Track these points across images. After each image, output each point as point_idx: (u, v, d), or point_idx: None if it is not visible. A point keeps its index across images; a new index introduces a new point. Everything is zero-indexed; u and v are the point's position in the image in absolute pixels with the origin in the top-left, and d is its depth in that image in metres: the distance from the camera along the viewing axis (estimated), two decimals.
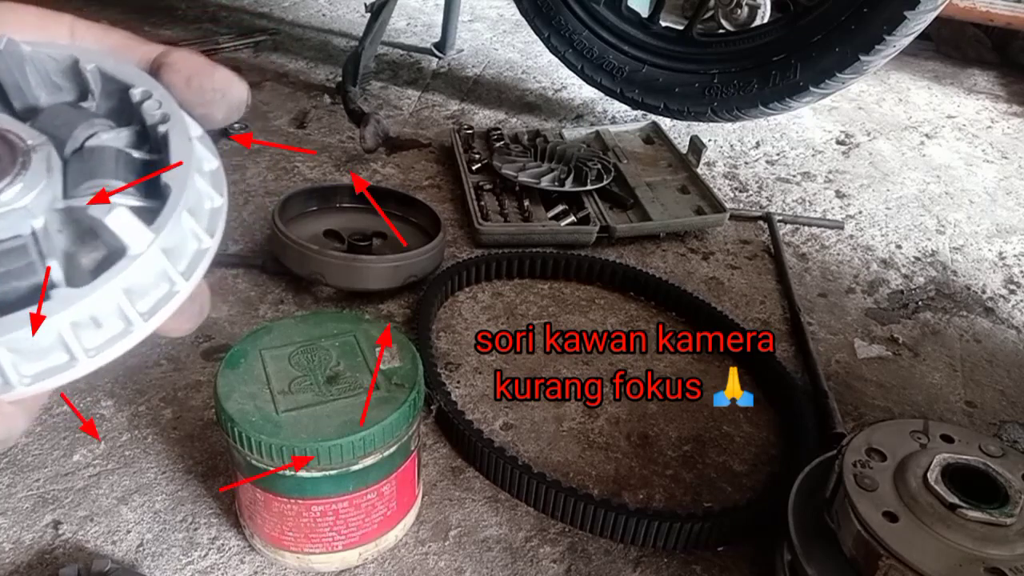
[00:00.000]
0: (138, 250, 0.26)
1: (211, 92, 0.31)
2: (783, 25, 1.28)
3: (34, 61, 0.30)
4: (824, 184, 1.39)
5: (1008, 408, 0.93)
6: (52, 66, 0.30)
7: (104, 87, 0.31)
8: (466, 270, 1.03)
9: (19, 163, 0.26)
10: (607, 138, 1.36)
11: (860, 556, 0.60)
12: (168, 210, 0.27)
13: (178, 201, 0.27)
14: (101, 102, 0.31)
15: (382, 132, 1.29)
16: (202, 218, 0.29)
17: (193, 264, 0.28)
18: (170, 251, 0.27)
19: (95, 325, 0.26)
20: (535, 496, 0.74)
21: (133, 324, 0.26)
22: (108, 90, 0.31)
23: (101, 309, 0.26)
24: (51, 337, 0.25)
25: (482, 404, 0.87)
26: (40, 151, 0.27)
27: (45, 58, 0.30)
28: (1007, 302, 1.12)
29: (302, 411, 0.62)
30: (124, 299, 0.26)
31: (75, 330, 0.25)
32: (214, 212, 0.30)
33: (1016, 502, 0.59)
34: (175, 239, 0.27)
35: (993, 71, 1.96)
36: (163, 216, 0.27)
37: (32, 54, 0.30)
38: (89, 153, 0.28)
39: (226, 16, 1.91)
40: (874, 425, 0.68)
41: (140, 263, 0.26)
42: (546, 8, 1.44)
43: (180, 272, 0.27)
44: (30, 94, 0.30)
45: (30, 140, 0.27)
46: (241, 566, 0.68)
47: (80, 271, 0.27)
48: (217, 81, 0.31)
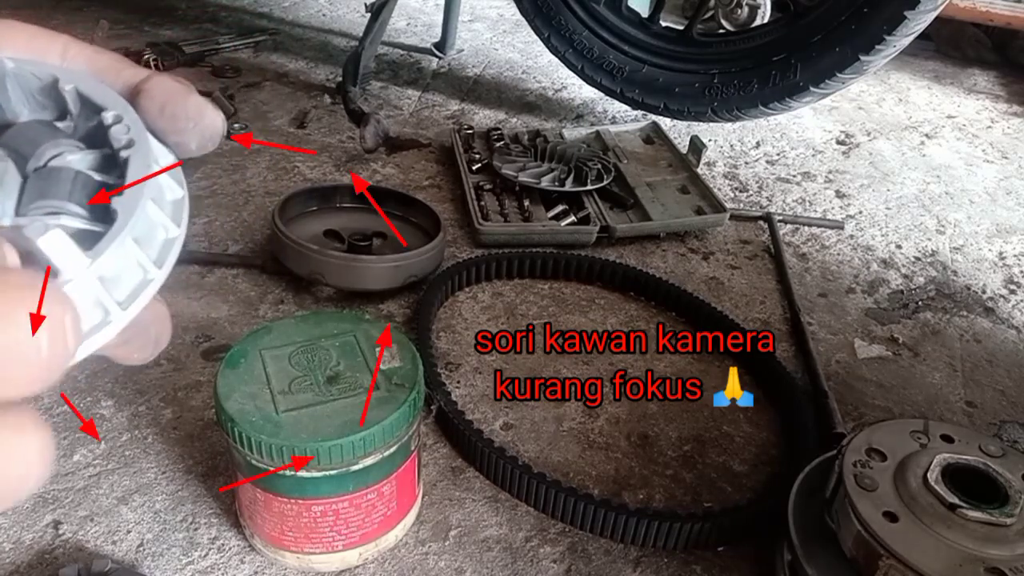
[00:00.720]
0: (69, 275, 0.25)
1: (183, 120, 0.31)
2: (783, 25, 1.28)
3: (17, 77, 0.30)
4: (824, 184, 1.39)
5: (1008, 408, 0.93)
6: (35, 84, 0.30)
7: (82, 109, 0.30)
8: (466, 270, 1.03)
9: None
10: (607, 138, 1.36)
11: (860, 556, 0.60)
12: (110, 236, 0.26)
13: (123, 227, 0.26)
14: (79, 123, 0.31)
15: (382, 132, 1.29)
16: (151, 247, 0.28)
17: (134, 294, 0.27)
18: (108, 280, 0.26)
19: None
20: (535, 496, 0.74)
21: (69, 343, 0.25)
22: (86, 112, 0.30)
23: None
24: None
25: (482, 404, 0.87)
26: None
27: (28, 75, 0.30)
28: (1007, 302, 1.12)
29: (302, 411, 0.62)
30: None
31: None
32: (167, 243, 0.29)
33: (1016, 502, 0.59)
34: (114, 267, 0.26)
35: (993, 71, 1.96)
36: (103, 242, 0.26)
37: (15, 70, 0.30)
38: (48, 173, 0.28)
39: (226, 16, 1.91)
40: (874, 425, 0.68)
41: (70, 289, 0.25)
42: (546, 8, 1.44)
43: (118, 301, 0.26)
44: (9, 110, 0.30)
45: None
46: (241, 566, 0.68)
47: None
48: (191, 109, 0.31)
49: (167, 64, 1.57)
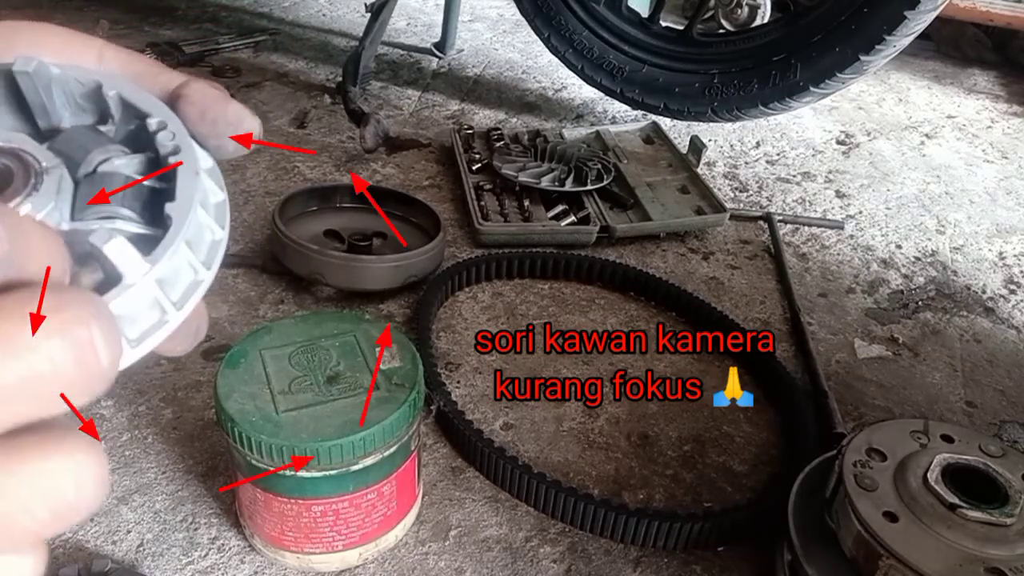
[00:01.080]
0: (132, 280, 0.26)
1: (224, 125, 0.32)
2: (783, 25, 1.28)
3: (61, 83, 0.31)
4: (824, 184, 1.39)
5: (1008, 408, 0.93)
6: (77, 89, 0.31)
7: (123, 113, 0.32)
8: (466, 270, 1.03)
9: (31, 184, 0.27)
10: (607, 138, 1.36)
11: (860, 556, 0.60)
12: (167, 242, 0.28)
13: (178, 233, 0.28)
14: (119, 127, 0.32)
15: (382, 132, 1.29)
16: (201, 250, 0.30)
17: (187, 295, 0.29)
18: (164, 281, 0.28)
19: None
20: (535, 496, 0.74)
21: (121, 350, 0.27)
22: (127, 116, 0.32)
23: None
24: None
25: (482, 404, 0.87)
26: (52, 173, 0.28)
27: (72, 81, 0.31)
28: (1007, 302, 1.12)
29: (302, 411, 0.62)
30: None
31: None
32: (214, 245, 0.30)
33: (1016, 502, 0.59)
34: (171, 270, 0.28)
35: (993, 71, 1.96)
36: (161, 247, 0.27)
37: (59, 76, 0.31)
38: (99, 178, 0.29)
39: (226, 16, 1.91)
40: (874, 425, 0.68)
41: (133, 292, 0.27)
42: (546, 8, 1.44)
43: (173, 302, 0.28)
44: (54, 114, 0.31)
45: (44, 162, 0.28)
46: (241, 566, 0.68)
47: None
48: (230, 115, 0.32)
49: (167, 64, 1.57)
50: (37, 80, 0.30)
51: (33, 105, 0.31)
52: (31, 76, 0.30)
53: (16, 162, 0.28)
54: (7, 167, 0.28)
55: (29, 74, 0.30)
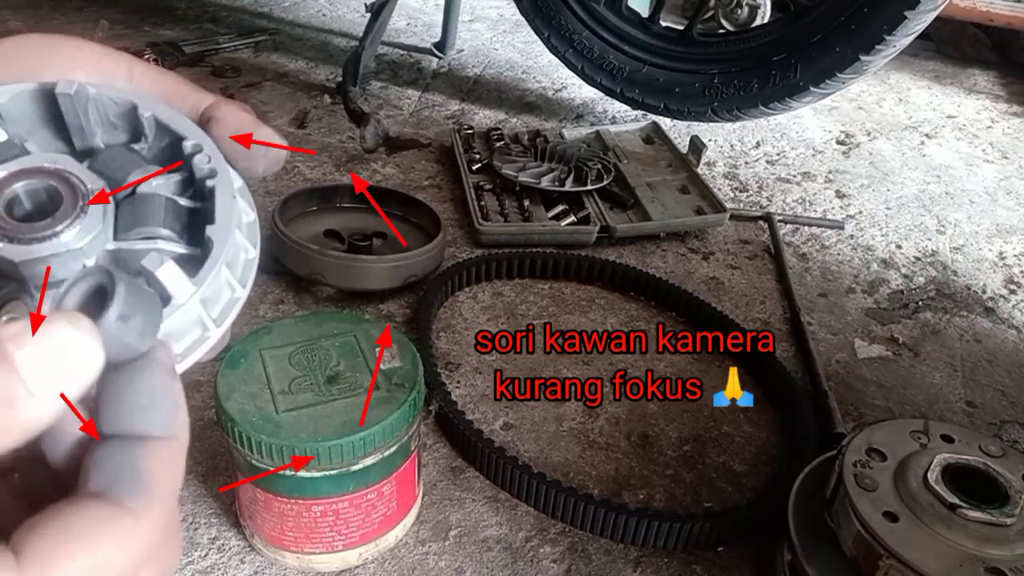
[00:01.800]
0: (181, 300, 0.28)
1: (255, 149, 0.33)
2: (783, 25, 1.28)
3: (97, 103, 0.32)
4: (824, 184, 1.39)
5: (1008, 408, 0.93)
6: (112, 109, 0.33)
7: (157, 133, 0.33)
8: (466, 270, 1.03)
9: (79, 207, 0.28)
10: (607, 138, 1.36)
11: (860, 556, 0.60)
12: (210, 264, 0.29)
13: (219, 255, 0.30)
14: (152, 145, 0.33)
15: (382, 132, 1.29)
16: (237, 269, 0.31)
17: (225, 312, 0.30)
18: (207, 301, 0.29)
19: None
20: (535, 496, 0.74)
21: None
22: (160, 135, 0.33)
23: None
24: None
25: (482, 404, 0.87)
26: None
27: (107, 101, 0.32)
28: (1007, 302, 1.12)
29: (302, 411, 0.62)
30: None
31: None
32: (248, 263, 0.32)
33: (1016, 502, 0.59)
34: (212, 290, 0.30)
35: (993, 71, 1.96)
36: (205, 269, 0.29)
37: (96, 96, 0.32)
38: (140, 200, 0.31)
39: (226, 16, 1.91)
40: (874, 425, 0.68)
41: (181, 312, 0.28)
42: (546, 8, 1.44)
43: (213, 319, 0.30)
44: (89, 132, 0.33)
45: (89, 184, 0.29)
46: (241, 566, 0.68)
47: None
48: (261, 138, 0.33)
49: (167, 64, 1.57)
50: (76, 102, 0.31)
51: (71, 125, 0.32)
52: (72, 98, 0.31)
53: (64, 185, 0.29)
54: (56, 190, 0.29)
55: (71, 96, 0.31)
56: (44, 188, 0.29)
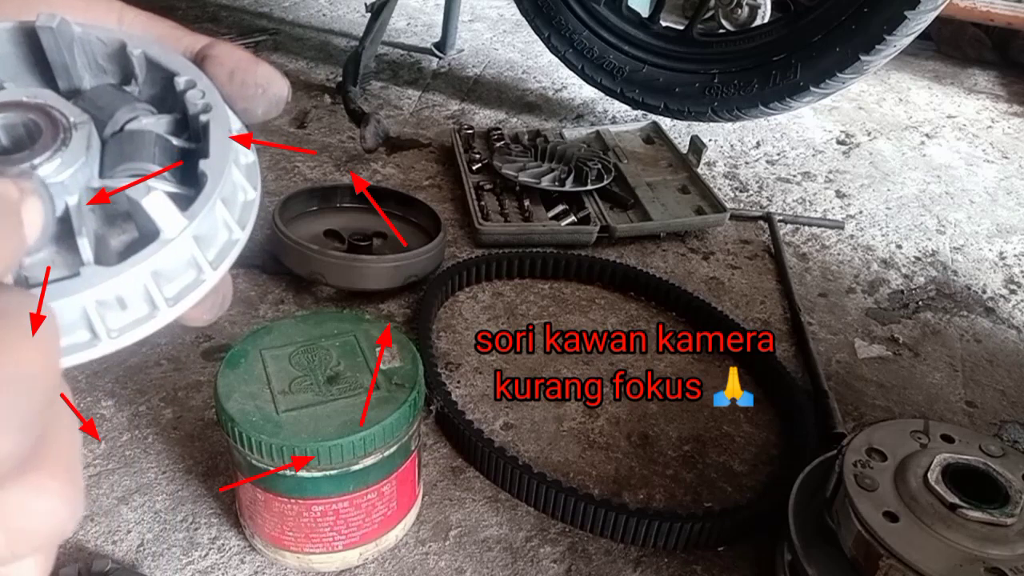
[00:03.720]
0: (171, 235, 0.26)
1: (253, 87, 0.31)
2: (783, 25, 1.28)
3: (83, 42, 0.30)
4: (824, 184, 1.39)
5: (1008, 408, 0.93)
6: (99, 49, 0.30)
7: (148, 73, 0.31)
8: (466, 270, 1.03)
9: (60, 139, 0.26)
10: (607, 138, 1.36)
11: (860, 556, 0.60)
12: (203, 198, 0.27)
13: (214, 190, 0.27)
14: (144, 87, 0.31)
15: (382, 132, 1.29)
16: (235, 209, 0.29)
17: (222, 254, 0.28)
18: (201, 239, 0.27)
19: (120, 306, 0.26)
20: (535, 496, 0.74)
21: (158, 308, 0.26)
22: (152, 77, 0.31)
23: (128, 290, 0.26)
24: (76, 314, 0.25)
25: (482, 404, 0.87)
26: (81, 129, 0.27)
27: (94, 40, 0.30)
28: (1007, 302, 1.12)
29: (302, 411, 0.62)
30: (152, 282, 0.26)
31: (100, 309, 0.25)
32: (247, 204, 0.30)
33: (1016, 502, 0.59)
34: (207, 228, 0.27)
35: (993, 71, 1.96)
36: (198, 203, 0.27)
37: (82, 35, 0.30)
38: (128, 136, 0.29)
39: (226, 16, 1.91)
40: (874, 425, 0.68)
41: (172, 248, 0.26)
42: (546, 8, 1.44)
43: (209, 261, 0.27)
44: (75, 75, 0.30)
45: (72, 117, 0.27)
46: (241, 566, 0.68)
47: (109, 252, 0.27)
48: (260, 76, 0.31)
49: None
50: (59, 38, 0.29)
51: (55, 64, 0.30)
52: (54, 33, 0.29)
53: (44, 118, 0.27)
54: (35, 123, 0.27)
55: (52, 30, 0.29)
56: (23, 122, 0.27)
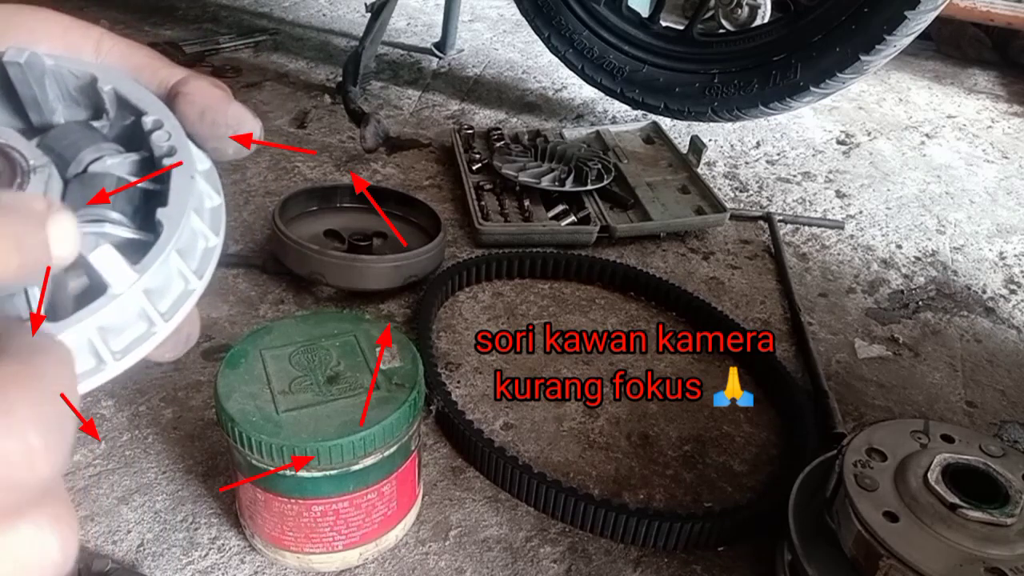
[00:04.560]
0: (119, 290, 0.25)
1: (223, 127, 0.30)
2: (783, 25, 1.28)
3: (55, 75, 0.29)
4: (824, 184, 1.39)
5: (1008, 408, 0.93)
6: (72, 82, 0.30)
7: (119, 109, 0.30)
8: (466, 270, 1.03)
9: (17, 184, 0.26)
10: (607, 138, 1.36)
11: (860, 556, 0.60)
12: (156, 251, 0.26)
13: (168, 241, 0.27)
14: (114, 123, 0.30)
15: (382, 132, 1.29)
16: (193, 259, 0.28)
17: (176, 305, 0.27)
18: (153, 292, 0.26)
19: None
20: (535, 496, 0.74)
21: (105, 362, 0.26)
22: (122, 113, 0.30)
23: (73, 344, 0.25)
24: None
25: (482, 404, 0.87)
26: (40, 172, 0.27)
27: (66, 73, 0.30)
28: (1007, 302, 1.12)
29: (302, 411, 0.62)
30: (98, 337, 0.25)
31: None
32: (207, 252, 0.29)
33: (1016, 502, 0.59)
34: (161, 280, 0.27)
35: (993, 71, 1.96)
36: (150, 256, 0.26)
37: (53, 68, 0.29)
38: (90, 178, 0.28)
39: (226, 16, 1.91)
40: (874, 425, 0.68)
41: (119, 303, 0.25)
42: (546, 8, 1.44)
43: (161, 313, 0.27)
44: (47, 108, 0.30)
45: (32, 160, 0.27)
46: (241, 566, 0.68)
47: (66, 296, 0.27)
48: (231, 117, 0.30)
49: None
50: (29, 72, 0.28)
51: (24, 98, 0.29)
52: (23, 68, 0.28)
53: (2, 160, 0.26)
54: None
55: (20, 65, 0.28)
56: None
